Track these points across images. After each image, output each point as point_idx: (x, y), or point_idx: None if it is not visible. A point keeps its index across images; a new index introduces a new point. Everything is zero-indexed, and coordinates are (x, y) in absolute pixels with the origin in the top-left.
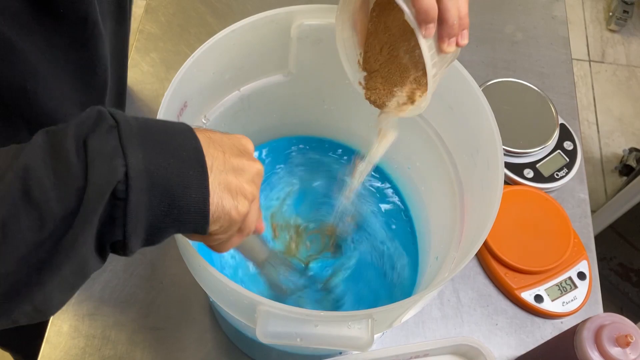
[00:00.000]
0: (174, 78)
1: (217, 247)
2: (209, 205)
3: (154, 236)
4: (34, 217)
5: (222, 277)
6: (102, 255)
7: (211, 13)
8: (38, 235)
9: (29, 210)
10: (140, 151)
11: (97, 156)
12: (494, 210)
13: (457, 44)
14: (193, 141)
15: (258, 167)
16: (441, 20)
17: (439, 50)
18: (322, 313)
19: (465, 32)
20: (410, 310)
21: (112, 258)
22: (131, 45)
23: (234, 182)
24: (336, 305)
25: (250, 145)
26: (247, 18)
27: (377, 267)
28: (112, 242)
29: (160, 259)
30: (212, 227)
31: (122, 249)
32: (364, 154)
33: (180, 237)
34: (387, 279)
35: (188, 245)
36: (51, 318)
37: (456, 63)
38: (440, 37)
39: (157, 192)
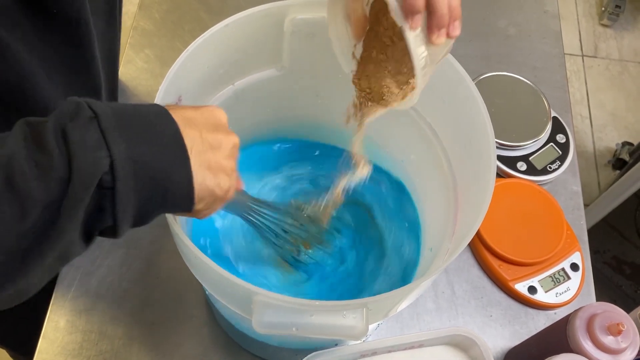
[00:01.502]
0: (168, 72)
1: (200, 216)
2: (193, 187)
3: (142, 218)
4: (17, 206)
5: (217, 268)
6: (88, 241)
7: (205, 9)
8: (21, 224)
9: (11, 199)
10: (122, 141)
11: (79, 148)
12: (487, 200)
13: (448, 35)
14: (171, 125)
15: (234, 140)
16: (430, 11)
17: (429, 42)
18: (318, 302)
19: (457, 23)
20: (405, 300)
21: (108, 254)
22: (125, 42)
23: (213, 160)
24: (330, 295)
25: (223, 116)
26: (241, 12)
27: (372, 260)
28: (102, 228)
29: (156, 254)
30: (198, 206)
31: (112, 233)
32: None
33: (175, 230)
34: (382, 271)
35: (183, 238)
36: (48, 313)
37: (448, 55)
38: (430, 28)
39: (142, 179)
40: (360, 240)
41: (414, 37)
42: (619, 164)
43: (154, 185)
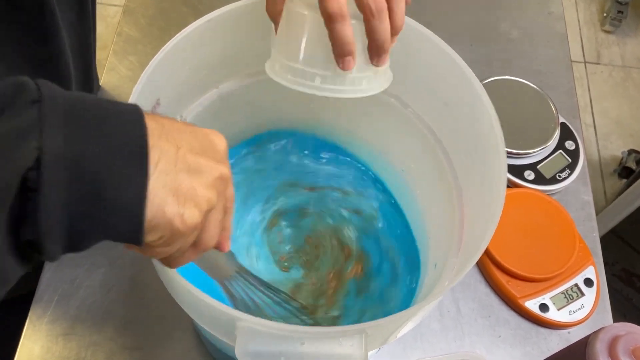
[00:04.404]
0: (143, 73)
1: (167, 262)
2: (144, 210)
3: (76, 241)
4: None
5: (195, 291)
6: (22, 260)
7: (193, 14)
8: None
9: None
10: (60, 133)
11: (6, 135)
12: (497, 213)
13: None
14: (137, 127)
15: (222, 170)
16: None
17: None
18: (310, 329)
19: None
20: (407, 324)
21: (88, 274)
22: (108, 48)
23: (184, 185)
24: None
25: (221, 144)
26: (224, 7)
27: (372, 278)
28: (26, 241)
29: (140, 274)
30: (149, 237)
31: (37, 251)
32: None
33: None
34: (383, 290)
35: None
36: (21, 339)
37: (453, 54)
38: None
39: (78, 187)
40: (357, 255)
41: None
42: (625, 173)
43: (92, 197)
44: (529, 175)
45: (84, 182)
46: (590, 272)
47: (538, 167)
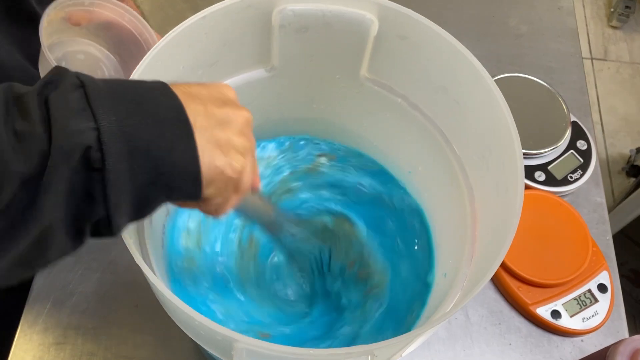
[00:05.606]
0: (133, 72)
1: (215, 212)
2: (199, 166)
3: (141, 209)
4: None
5: (190, 311)
6: (78, 237)
7: (191, 10)
8: None
9: None
10: (112, 113)
11: (61, 116)
12: (514, 220)
13: None
14: (171, 97)
15: (245, 115)
16: None
17: None
18: (312, 351)
19: None
20: (414, 343)
21: (81, 280)
22: None
23: (222, 137)
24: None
25: (231, 92)
26: (220, 2)
27: (377, 287)
28: (93, 221)
29: (135, 280)
30: (207, 191)
31: (106, 228)
32: None
33: (139, 258)
34: (389, 300)
35: (148, 271)
36: (12, 348)
37: (463, 50)
38: None
39: (138, 158)
40: (361, 266)
41: None
42: (634, 171)
43: (152, 165)
44: (540, 176)
45: (142, 154)
46: (604, 277)
47: (549, 167)
